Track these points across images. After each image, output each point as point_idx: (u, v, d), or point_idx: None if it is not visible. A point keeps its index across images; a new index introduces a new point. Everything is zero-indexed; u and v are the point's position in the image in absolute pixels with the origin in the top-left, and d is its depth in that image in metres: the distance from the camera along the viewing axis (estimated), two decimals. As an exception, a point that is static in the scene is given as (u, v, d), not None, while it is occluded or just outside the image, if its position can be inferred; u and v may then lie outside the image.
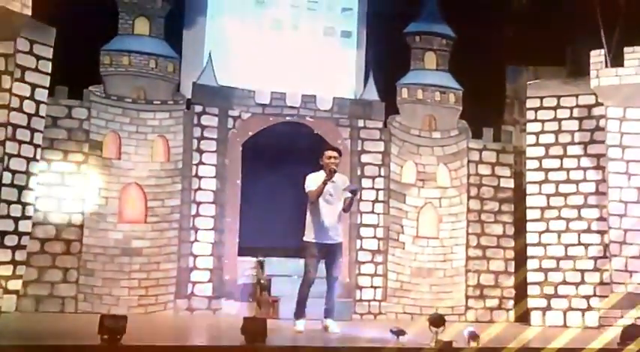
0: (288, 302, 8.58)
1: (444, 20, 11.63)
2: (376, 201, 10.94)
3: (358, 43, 11.76)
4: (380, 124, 11.17)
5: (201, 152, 10.44)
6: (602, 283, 10.11)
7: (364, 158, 11.01)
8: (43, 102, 9.17)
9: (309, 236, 7.77)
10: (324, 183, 7.70)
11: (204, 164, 10.42)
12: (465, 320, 10.55)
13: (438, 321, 6.83)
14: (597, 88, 10.14)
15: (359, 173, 10.92)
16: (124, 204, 10.07)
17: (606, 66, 10.13)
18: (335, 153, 7.92)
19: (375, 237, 10.85)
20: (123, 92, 10.26)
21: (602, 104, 10.23)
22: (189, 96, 10.55)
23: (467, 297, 11.02)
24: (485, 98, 11.66)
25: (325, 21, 11.69)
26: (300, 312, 7.80)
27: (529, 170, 10.74)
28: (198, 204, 10.32)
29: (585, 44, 10.58)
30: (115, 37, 10.43)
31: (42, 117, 9.18)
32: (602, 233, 10.17)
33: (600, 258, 10.17)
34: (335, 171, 7.77)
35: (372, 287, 10.72)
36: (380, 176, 11.01)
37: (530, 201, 10.63)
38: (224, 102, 10.61)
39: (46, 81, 9.17)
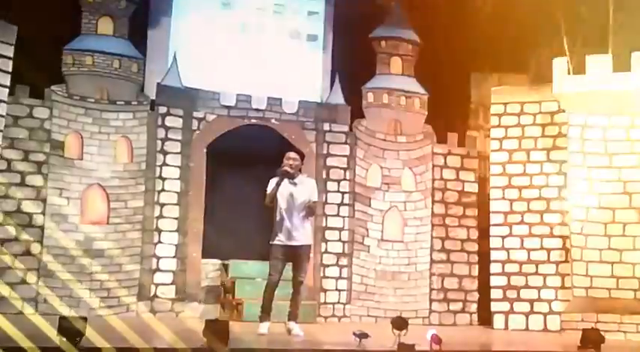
0: (252, 305, 8.53)
1: (409, 26, 11.69)
2: (341, 204, 10.94)
3: (324, 46, 11.77)
4: (346, 128, 11.18)
5: (165, 153, 10.35)
6: (563, 287, 10.24)
7: (330, 161, 11.01)
8: (3, 101, 9.00)
9: (273, 238, 7.73)
10: (277, 185, 7.66)
11: (168, 165, 10.34)
12: (428, 324, 10.60)
13: (400, 324, 6.83)
14: (560, 95, 10.28)
15: (324, 176, 10.93)
16: (85, 204, 9.94)
17: (569, 73, 10.28)
18: (292, 155, 7.83)
19: (340, 240, 10.86)
20: (86, 92, 10.14)
21: (564, 111, 10.37)
22: (154, 97, 10.46)
23: (431, 300, 11.08)
24: (450, 103, 11.76)
25: (291, 24, 11.69)
26: (264, 315, 7.74)
27: (493, 175, 10.85)
28: (162, 205, 10.23)
29: (548, 51, 10.72)
30: (78, 37, 10.31)
31: (2, 116, 9.02)
32: (563, 238, 10.30)
33: (562, 262, 10.30)
34: (287, 173, 7.68)
35: (336, 290, 10.72)
36: (345, 179, 11.02)
37: (493, 205, 10.73)
38: (189, 103, 10.54)
39: (7, 79, 9.01)
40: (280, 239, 7.67)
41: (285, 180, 7.70)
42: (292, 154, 7.88)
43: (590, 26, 10.85)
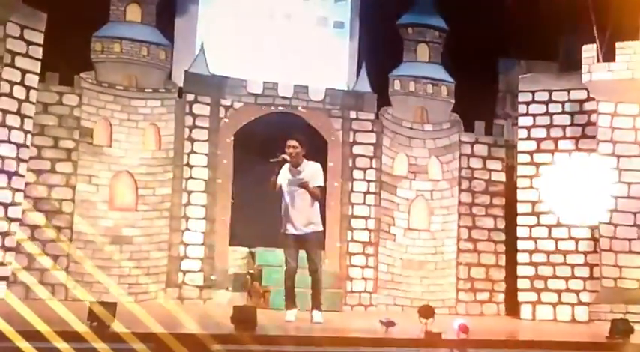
0: (279, 293, 8.56)
1: (437, 12, 11.62)
2: (368, 192, 10.93)
3: (351, 33, 11.74)
4: (372, 116, 11.15)
5: (192, 141, 10.40)
6: (591, 277, 10.16)
7: (356, 149, 10.99)
8: (33, 88, 9.10)
9: (283, 227, 7.74)
10: (277, 174, 7.64)
11: (195, 153, 10.39)
12: (455, 313, 10.57)
13: (427, 313, 6.82)
14: (589, 83, 10.16)
15: (350, 164, 10.91)
16: (114, 191, 10.02)
17: (598, 61, 10.14)
18: (292, 142, 7.74)
19: (366, 228, 10.86)
20: (114, 79, 10.20)
21: (593, 99, 10.26)
22: (181, 85, 10.50)
23: (457, 290, 11.05)
24: (477, 91, 11.65)
25: (318, 11, 11.67)
26: (289, 302, 7.77)
27: (520, 164, 10.76)
28: (190, 192, 10.29)
29: (577, 39, 10.59)
30: (107, 24, 10.36)
31: (32, 103, 9.12)
32: (592, 227, 10.20)
33: (590, 252, 10.21)
34: (286, 161, 7.66)
35: (362, 278, 10.73)
36: (371, 168, 11.00)
37: (521, 195, 10.65)
38: (216, 91, 10.57)
39: (37, 67, 9.11)
40: (288, 228, 7.66)
41: (286, 168, 7.67)
42: (291, 141, 7.75)
43: (620, 13, 10.70)
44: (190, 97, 10.45)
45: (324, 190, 8.37)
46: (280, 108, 10.82)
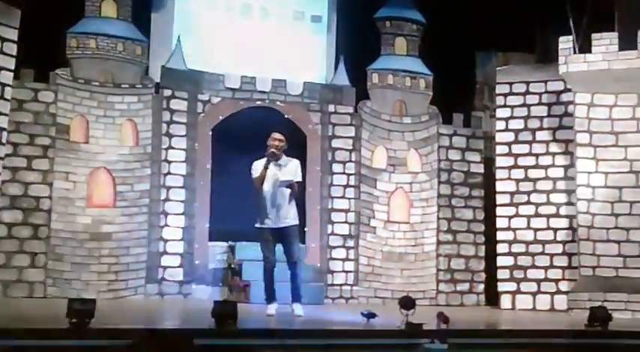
0: (260, 287, 8.55)
1: (414, 5, 11.64)
2: (347, 185, 10.95)
3: (328, 27, 11.73)
4: (351, 109, 11.16)
5: (170, 136, 10.35)
6: (570, 267, 10.24)
7: (335, 143, 11.00)
8: (8, 85, 8.99)
9: (258, 222, 7.68)
10: (265, 169, 7.58)
11: (173, 148, 10.34)
12: (435, 304, 10.62)
13: (408, 304, 6.84)
14: (566, 74, 10.22)
15: (330, 158, 10.92)
16: (92, 188, 9.95)
17: (574, 52, 10.21)
18: (278, 136, 7.70)
19: (346, 221, 10.88)
20: (90, 75, 10.12)
21: (570, 90, 10.32)
22: (158, 80, 10.44)
23: (437, 281, 11.11)
24: (455, 84, 11.70)
25: (295, 5, 11.64)
26: (269, 296, 7.76)
27: (498, 155, 10.83)
28: (168, 188, 10.25)
29: (554, 30, 10.65)
30: (82, 20, 10.27)
31: (7, 100, 9.00)
32: (570, 217, 10.29)
33: (569, 242, 10.30)
34: (275, 155, 7.61)
35: (343, 271, 10.75)
36: (351, 161, 11.01)
37: (499, 186, 10.72)
38: (193, 86, 10.52)
39: (11, 63, 8.99)
40: (266, 222, 7.62)
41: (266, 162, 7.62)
42: (277, 135, 7.70)
43: (596, 4, 10.77)
44: (167, 92, 10.40)
45: (302, 185, 8.37)
46: (258, 102, 10.80)
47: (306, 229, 10.33)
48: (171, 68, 10.43)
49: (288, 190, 7.61)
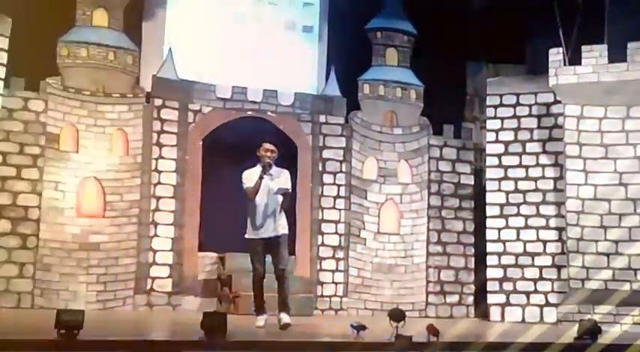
0: (250, 298, 8.52)
1: (405, 17, 11.68)
2: (337, 196, 10.94)
3: (320, 38, 11.76)
4: (341, 120, 11.17)
5: (160, 146, 10.32)
6: (559, 279, 10.26)
7: (325, 154, 11.00)
8: (-2, 94, 8.97)
9: (248, 232, 7.66)
10: (261, 179, 7.58)
11: (164, 158, 10.31)
12: (425, 316, 10.61)
13: (398, 316, 6.82)
14: (556, 86, 10.26)
15: (320, 168, 10.92)
16: (81, 198, 9.91)
17: (564, 64, 10.26)
18: (271, 146, 7.72)
19: (336, 232, 10.87)
20: (81, 84, 10.10)
21: (560, 102, 10.36)
22: (149, 90, 10.42)
23: (427, 293, 11.10)
24: (445, 95, 11.75)
25: (287, 15, 11.66)
26: (258, 308, 7.74)
27: (488, 167, 10.85)
28: (158, 198, 10.21)
29: (544, 42, 10.71)
30: (73, 29, 10.26)
31: (-3, 108, 8.98)
32: (560, 230, 10.31)
33: (558, 254, 10.31)
34: (270, 165, 7.61)
35: (333, 282, 10.73)
36: (341, 172, 11.01)
37: (489, 197, 10.73)
38: (184, 95, 10.51)
39: (2, 72, 8.97)
40: (258, 232, 7.60)
41: (258, 172, 7.61)
42: (270, 146, 7.71)
43: (585, 17, 10.84)
44: (158, 102, 10.38)
45: (292, 195, 8.36)
46: (249, 112, 10.79)
47: (295, 239, 10.30)
48: (163, 77, 10.42)
49: (280, 200, 7.60)
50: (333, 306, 10.64)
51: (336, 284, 10.74)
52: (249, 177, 7.65)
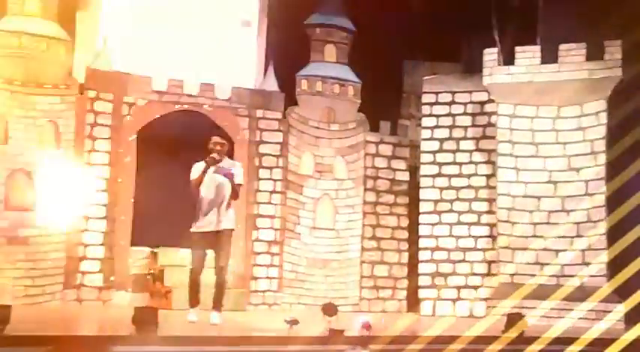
0: (182, 293, 8.46)
1: (344, 13, 11.71)
2: (274, 191, 10.92)
3: (259, 32, 11.70)
4: (279, 115, 11.14)
5: (94, 139, 10.13)
6: (490, 274, 10.47)
7: (262, 148, 10.96)
8: None
9: (193, 225, 7.65)
10: (204, 172, 7.57)
11: (97, 151, 10.12)
12: (358, 311, 10.68)
13: (330, 310, 6.90)
14: (490, 86, 10.47)
15: (257, 163, 10.87)
16: (10, 190, 9.65)
17: (499, 64, 10.46)
18: (219, 140, 7.74)
19: (271, 227, 10.84)
20: (11, 74, 9.82)
21: (494, 101, 10.56)
22: (82, 81, 10.21)
23: (361, 288, 11.18)
24: (382, 92, 11.84)
25: (225, 8, 11.56)
26: (192, 302, 7.69)
27: (423, 163, 10.99)
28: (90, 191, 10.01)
29: (480, 42, 10.90)
30: (4, 18, 9.97)
31: None
32: (491, 225, 10.52)
33: (489, 249, 10.52)
34: (216, 159, 7.60)
35: (267, 277, 10.71)
36: (278, 167, 10.99)
37: (423, 193, 10.88)
38: (119, 88, 10.33)
39: None
40: (203, 225, 7.58)
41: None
42: (218, 139, 7.74)
43: (520, 18, 11.07)
44: (92, 94, 10.18)
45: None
46: (185, 106, 10.67)
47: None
48: (97, 69, 10.23)
49: (227, 193, 7.59)
50: (266, 301, 10.63)
51: (270, 279, 10.73)
52: (196, 169, 7.63)
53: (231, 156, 10.36)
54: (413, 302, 11.02)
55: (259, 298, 10.59)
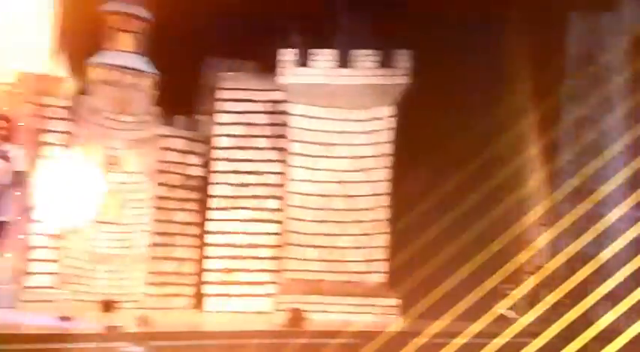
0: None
1: (142, 2, 11.39)
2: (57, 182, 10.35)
3: (52, 16, 11.06)
4: (67, 103, 10.60)
5: None
6: (278, 270, 10.61)
7: (47, 137, 10.37)
8: None
9: None
10: None
11: None
12: (142, 307, 10.38)
13: (108, 307, 6.67)
14: (284, 85, 10.63)
15: (40, 152, 10.25)
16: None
17: (295, 65, 10.66)
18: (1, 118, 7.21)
19: (51, 220, 10.22)
20: None
21: (288, 101, 10.73)
22: None
23: (147, 284, 10.88)
24: (180, 86, 11.63)
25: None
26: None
27: (216, 159, 10.94)
28: None
29: (279, 42, 11.04)
30: None
31: None
32: (281, 223, 10.66)
33: (278, 246, 10.66)
34: None
35: (43, 273, 10.10)
36: (63, 157, 10.41)
37: (215, 190, 10.83)
38: None
39: None
40: None
41: None
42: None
43: (319, 21, 11.32)
44: None
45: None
46: (-39, 88, 9.88)
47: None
48: None
49: (6, 181, 7.05)
50: (41, 298, 10.00)
51: (47, 274, 10.14)
52: None
53: (13, 141, 9.77)
54: (201, 299, 10.89)
55: (34, 294, 9.93)
